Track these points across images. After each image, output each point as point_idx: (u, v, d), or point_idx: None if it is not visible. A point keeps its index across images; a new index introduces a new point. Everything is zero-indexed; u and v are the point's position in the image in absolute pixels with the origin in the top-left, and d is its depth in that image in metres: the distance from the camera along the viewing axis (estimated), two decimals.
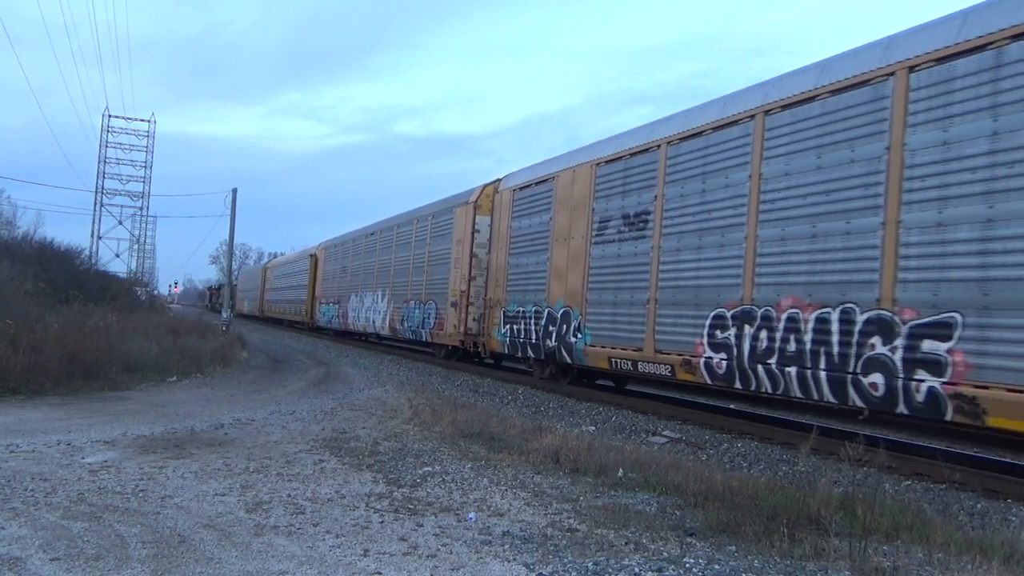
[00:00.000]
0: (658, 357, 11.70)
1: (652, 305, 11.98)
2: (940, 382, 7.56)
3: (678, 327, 11.39)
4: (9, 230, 38.57)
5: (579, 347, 13.81)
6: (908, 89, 8.25)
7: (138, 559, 4.37)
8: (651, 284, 12.06)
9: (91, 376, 12.78)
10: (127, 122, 63.64)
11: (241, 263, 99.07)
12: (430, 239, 22.50)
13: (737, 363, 10.17)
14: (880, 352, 8.23)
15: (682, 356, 11.16)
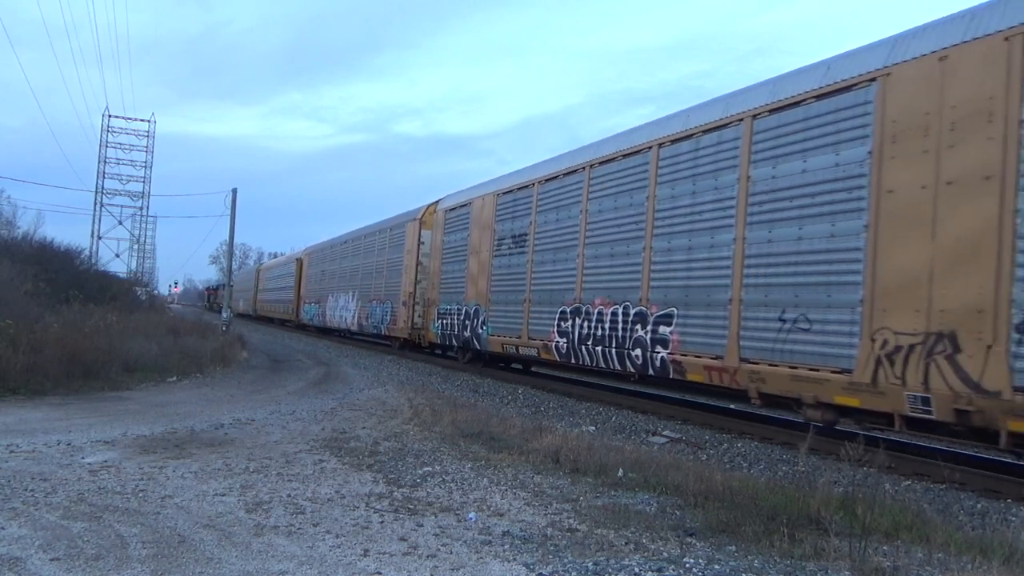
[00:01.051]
0: (530, 342, 15.56)
1: (527, 304, 15.81)
2: (667, 353, 11.35)
3: (541, 320, 15.21)
4: (9, 230, 38.60)
5: (484, 336, 17.61)
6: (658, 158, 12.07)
7: (138, 559, 4.37)
8: (527, 288, 15.90)
9: (91, 376, 12.79)
10: (127, 122, 63.67)
11: (241, 263, 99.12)
12: (388, 248, 26.27)
13: (571, 345, 13.94)
14: (640, 334, 12.00)
15: (543, 341, 15.00)
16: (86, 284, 25.40)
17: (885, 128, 8.32)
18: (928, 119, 7.87)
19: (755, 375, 9.67)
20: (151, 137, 64.11)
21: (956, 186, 7.52)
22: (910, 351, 7.77)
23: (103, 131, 62.63)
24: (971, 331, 7.20)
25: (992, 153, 7.18)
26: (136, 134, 63.73)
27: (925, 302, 7.69)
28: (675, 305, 11.29)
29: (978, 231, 7.28)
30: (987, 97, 7.32)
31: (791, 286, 9.32)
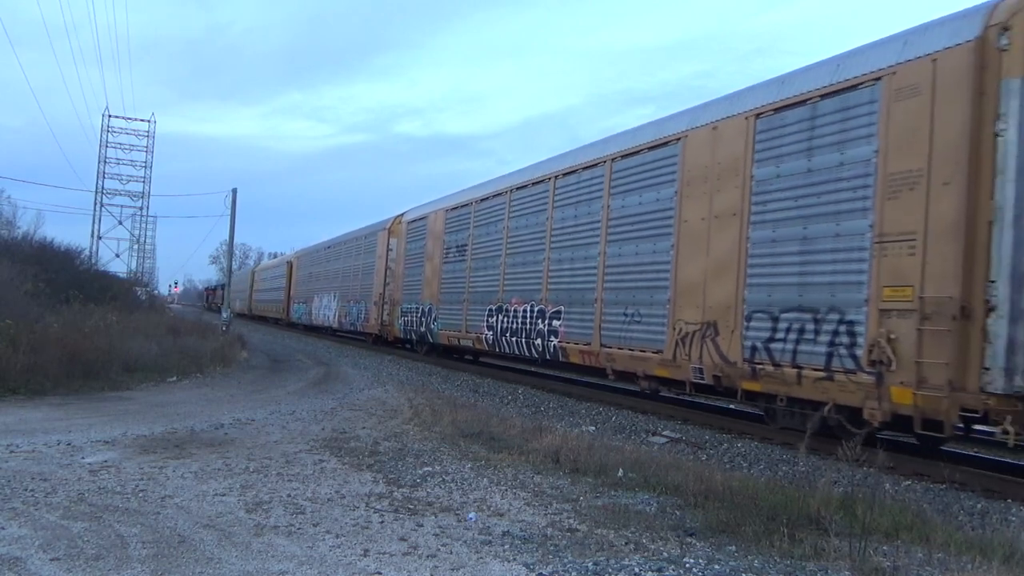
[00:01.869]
0: (467, 335, 18.89)
1: (466, 303, 18.95)
2: (557, 341, 14.53)
3: (475, 317, 18.29)
4: (9, 230, 38.58)
5: (435, 331, 20.99)
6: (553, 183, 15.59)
7: (138, 559, 4.37)
8: (465, 290, 19.07)
9: (91, 376, 12.79)
10: (127, 122, 63.57)
11: (241, 263, 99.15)
12: (363, 254, 29.26)
13: (496, 336, 17.16)
14: (540, 327, 15.18)
15: (476, 334, 18.17)
16: (86, 284, 25.38)
17: (685, 175, 11.34)
18: (707, 170, 10.90)
19: (609, 356, 12.89)
20: (151, 137, 64.08)
21: (719, 219, 10.56)
22: (693, 336, 10.86)
23: (103, 131, 62.60)
24: (725, 321, 10.30)
25: (737, 196, 10.26)
26: (136, 134, 63.71)
27: (702, 301, 10.75)
28: (563, 304, 14.53)
29: (729, 251, 10.29)
30: (736, 157, 10.35)
31: (631, 289, 12.44)
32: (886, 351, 7.99)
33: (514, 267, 16.64)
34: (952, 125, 7.72)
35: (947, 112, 7.79)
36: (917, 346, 7.70)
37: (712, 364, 10.37)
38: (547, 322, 14.91)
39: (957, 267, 7.49)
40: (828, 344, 8.78)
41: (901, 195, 8.14)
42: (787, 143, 9.66)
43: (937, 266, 7.68)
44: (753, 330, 9.81)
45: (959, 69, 7.72)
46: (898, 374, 7.89)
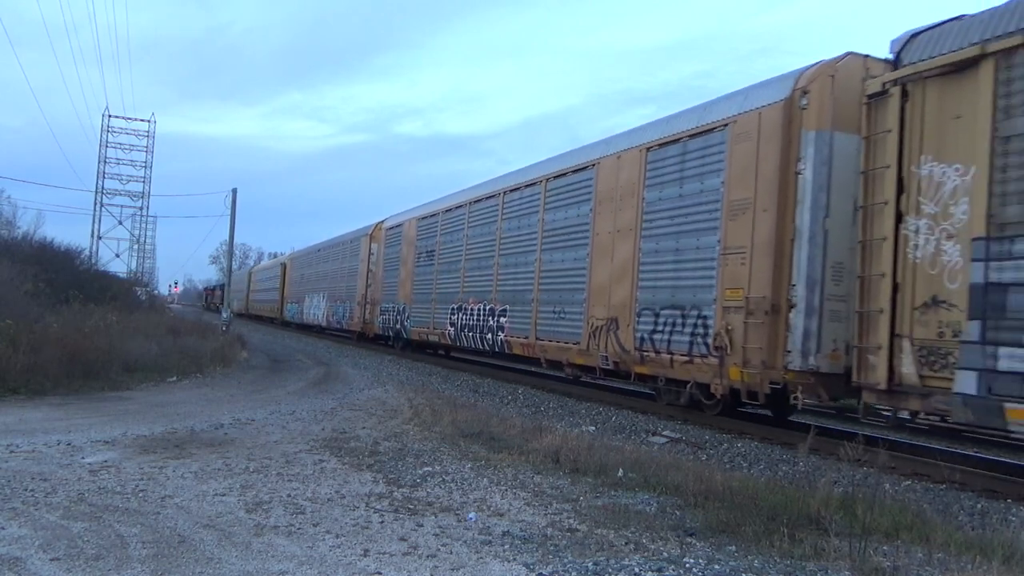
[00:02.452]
0: (434, 331, 21.16)
1: (434, 303, 21.28)
2: (503, 336, 16.70)
3: (441, 315, 20.69)
4: (9, 230, 38.57)
5: (408, 328, 23.39)
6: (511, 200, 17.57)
7: (138, 559, 4.37)
8: (433, 291, 21.42)
9: (91, 376, 12.79)
10: (127, 122, 63.55)
11: (241, 263, 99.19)
12: (349, 258, 31.49)
13: (457, 332, 19.45)
14: (491, 323, 17.36)
15: (441, 330, 20.55)
16: (86, 284, 25.39)
17: (597, 195, 13.66)
18: (613, 192, 13.19)
19: (542, 348, 15.27)
20: (151, 137, 64.06)
21: (620, 232, 12.85)
22: (601, 329, 13.13)
23: (103, 131, 62.57)
24: (623, 317, 12.56)
25: (633, 214, 12.58)
26: (136, 134, 63.69)
27: (608, 300, 13.05)
28: (508, 304, 16.75)
29: (627, 259, 12.58)
30: (633, 182, 12.62)
31: (558, 291, 14.76)
32: (725, 339, 10.30)
33: (471, 271, 18.96)
34: (769, 164, 9.86)
35: (767, 154, 9.93)
36: (744, 335, 10.00)
37: (614, 352, 12.80)
38: (496, 319, 17.27)
39: (770, 274, 9.73)
40: (690, 335, 11.08)
41: (738, 218, 10.37)
42: (667, 173, 11.95)
43: (757, 273, 9.93)
44: (642, 324, 12.17)
45: (775, 121, 9.87)
46: (732, 357, 10.18)
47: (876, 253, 8.49)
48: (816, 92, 9.52)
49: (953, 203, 7.78)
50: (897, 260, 8.25)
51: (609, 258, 13.09)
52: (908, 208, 8.25)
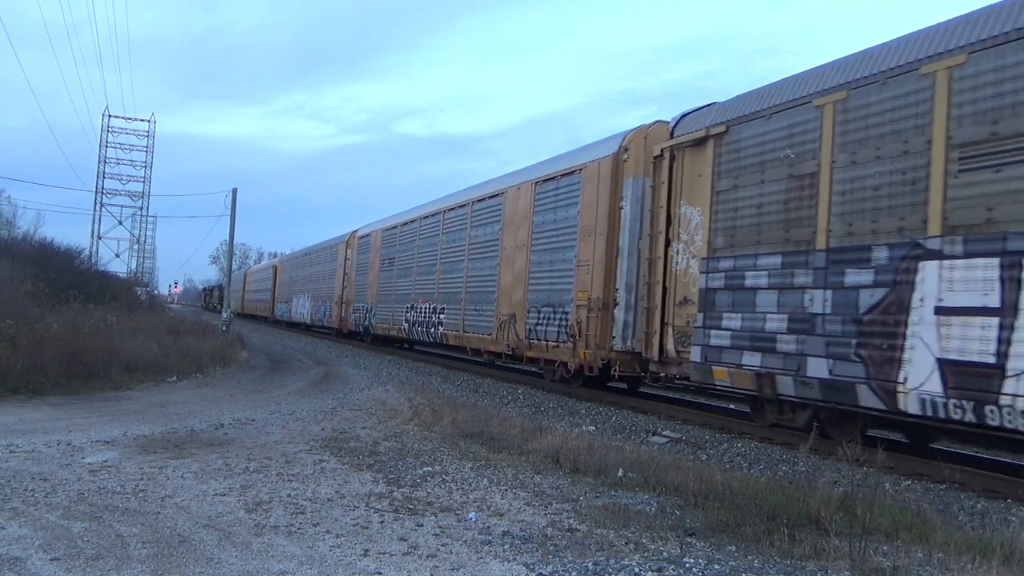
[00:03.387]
0: (393, 327, 24.65)
1: (392, 303, 24.96)
2: (442, 330, 20.06)
3: (398, 313, 24.31)
4: (9, 230, 38.57)
5: (374, 324, 26.98)
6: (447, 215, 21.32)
7: (138, 559, 4.37)
8: (392, 292, 25.15)
9: (91, 376, 12.78)
10: (127, 122, 63.57)
11: (241, 263, 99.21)
12: (329, 262, 35.03)
13: (410, 327, 22.96)
14: (434, 319, 20.83)
15: (398, 326, 24.03)
16: (86, 284, 25.39)
17: (505, 217, 17.31)
18: (514, 215, 16.81)
19: (468, 339, 18.81)
20: (151, 137, 64.10)
21: (518, 247, 16.42)
22: (505, 323, 16.60)
23: (103, 131, 62.60)
24: (519, 313, 16.05)
25: (526, 233, 16.13)
26: (136, 134, 63.71)
27: (510, 300, 16.53)
28: (446, 303, 20.29)
29: (522, 268, 16.14)
30: (527, 208, 16.15)
31: (479, 292, 18.33)
32: (576, 329, 13.88)
33: (421, 275, 22.62)
34: (604, 200, 13.47)
35: (603, 193, 13.53)
36: (587, 325, 13.55)
37: (513, 341, 16.35)
38: (437, 316, 20.83)
39: (603, 280, 13.31)
40: (558, 326, 14.64)
41: (586, 239, 13.93)
42: (548, 202, 15.59)
43: (596, 280, 13.48)
44: (530, 319, 15.66)
45: (608, 169, 13.52)
46: (581, 341, 13.74)
47: (655, 267, 12.01)
48: (633, 149, 13.05)
49: (696, 234, 11.12)
50: (666, 272, 11.76)
51: (511, 267, 16.73)
52: (673, 236, 11.68)
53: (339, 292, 32.08)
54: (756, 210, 10.08)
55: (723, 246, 10.52)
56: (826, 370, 8.75)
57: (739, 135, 10.51)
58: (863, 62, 8.92)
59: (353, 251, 30.83)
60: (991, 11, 7.68)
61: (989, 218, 7.31)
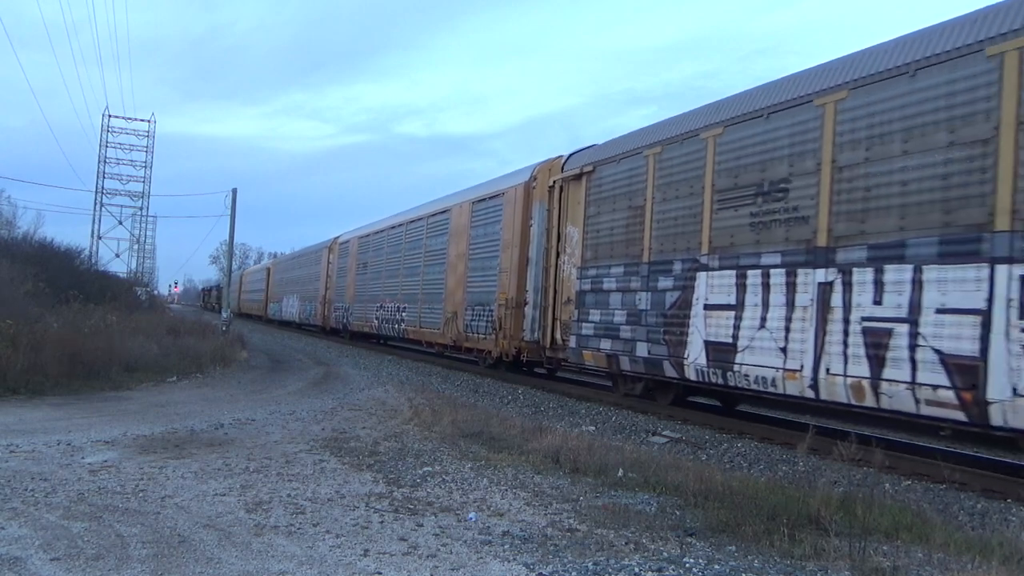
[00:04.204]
0: (367, 324, 28.09)
1: (366, 303, 28.43)
2: (404, 326, 24.01)
3: (370, 311, 27.72)
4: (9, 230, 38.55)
5: (351, 322, 30.46)
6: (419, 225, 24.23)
7: (138, 559, 4.37)
8: (366, 293, 28.55)
9: (91, 376, 12.78)
10: (127, 122, 63.61)
11: (241, 263, 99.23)
12: (314, 265, 38.67)
13: (379, 323, 26.19)
14: (397, 317, 24.63)
15: (371, 323, 27.30)
16: (86, 284, 25.39)
17: (450, 231, 20.54)
18: (457, 228, 20.06)
19: (422, 333, 22.32)
20: (151, 137, 64.15)
21: (460, 256, 19.55)
22: (449, 320, 19.80)
23: (103, 131, 62.63)
24: (460, 311, 19.22)
25: (465, 245, 19.36)
26: (136, 134, 63.74)
27: (453, 300, 19.70)
28: (407, 303, 23.88)
29: (462, 274, 19.26)
30: (466, 223, 19.23)
31: (431, 294, 21.76)
32: (497, 324, 17.00)
33: (387, 279, 26.25)
34: (519, 220, 16.74)
35: (518, 213, 16.82)
36: (506, 320, 16.70)
37: (454, 334, 19.65)
38: (400, 314, 24.40)
39: (516, 284, 16.50)
40: (486, 322, 17.77)
41: (506, 250, 17.14)
42: (481, 219, 18.85)
43: (512, 284, 16.65)
44: (467, 316, 18.90)
45: (521, 194, 16.82)
46: (501, 334, 16.88)
47: (549, 273, 15.43)
48: (539, 179, 16.27)
49: (575, 248, 14.34)
50: (556, 278, 15.12)
51: (455, 272, 20.07)
52: (561, 250, 15.00)
53: (323, 293, 35.60)
54: (610, 232, 13.30)
55: (591, 258, 13.80)
56: (647, 351, 11.97)
57: (601, 173, 13.81)
58: (671, 126, 12.18)
59: (335, 256, 34.33)
60: (741, 96, 10.89)
61: (731, 243, 10.38)
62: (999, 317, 7.04)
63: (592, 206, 13.83)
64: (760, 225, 9.95)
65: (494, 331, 17.13)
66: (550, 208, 15.38)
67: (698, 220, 10.99)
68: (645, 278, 12.08)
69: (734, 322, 10.09)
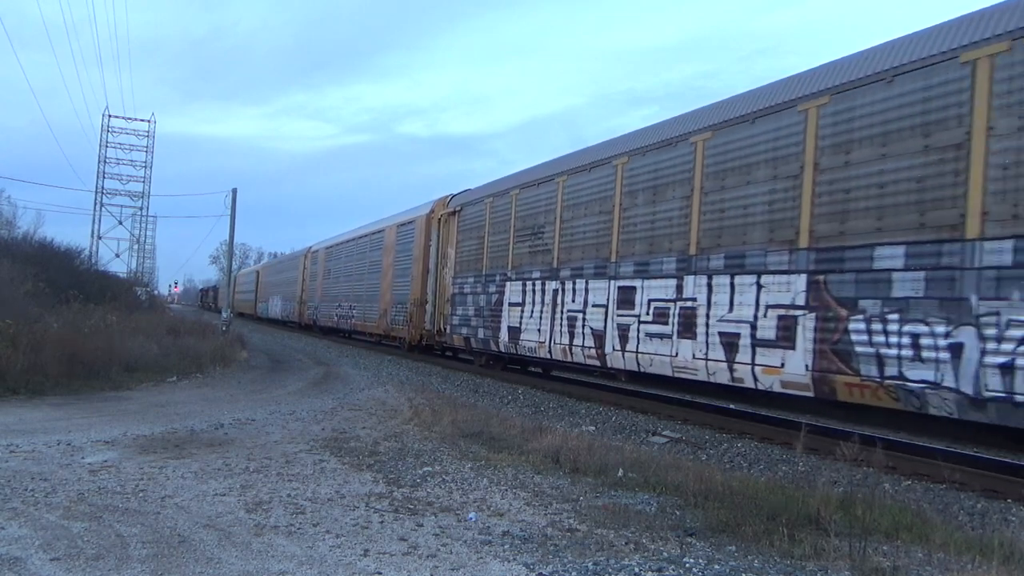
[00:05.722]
0: (330, 320, 33.83)
1: (330, 302, 34.17)
2: (354, 321, 30.37)
3: (333, 309, 33.63)
4: (9, 230, 38.57)
5: (319, 318, 36.01)
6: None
7: (138, 559, 4.37)
8: (330, 295, 34.39)
9: (91, 376, 12.78)
10: (127, 122, 63.61)
11: (241, 263, 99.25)
12: (292, 269, 44.57)
13: (337, 320, 32.72)
14: (351, 314, 30.44)
15: (331, 318, 33.68)
16: (86, 284, 25.37)
17: (384, 247, 26.55)
18: (389, 245, 26.02)
19: (365, 326, 28.09)
20: (151, 137, 64.15)
21: (389, 266, 25.73)
22: (382, 314, 25.84)
23: (103, 131, 62.62)
24: (389, 308, 25.37)
25: (392, 258, 25.54)
26: (136, 134, 63.75)
27: (385, 300, 25.87)
28: (356, 302, 29.42)
29: (391, 280, 25.45)
30: (393, 241, 25.63)
31: (372, 295, 27.39)
32: (409, 317, 22.48)
33: (344, 283, 31.91)
34: (423, 241, 22.08)
35: (422, 236, 22.15)
36: (414, 315, 22.22)
37: (386, 327, 25.33)
38: (351, 311, 30.02)
39: (420, 288, 21.95)
40: (403, 315, 23.09)
41: (416, 263, 22.44)
42: (402, 239, 24.45)
43: (418, 288, 22.10)
44: (392, 312, 24.55)
45: (423, 223, 22.21)
46: (411, 325, 22.40)
47: (438, 281, 20.71)
48: (436, 211, 21.57)
49: (451, 264, 19.74)
50: (441, 284, 20.49)
51: (386, 279, 25.70)
52: (444, 265, 20.31)
53: (299, 294, 41.63)
54: (468, 253, 19.09)
55: (459, 271, 19.47)
56: (483, 335, 17.68)
57: (465, 212, 19.65)
58: (496, 184, 18.57)
59: (309, 262, 40.38)
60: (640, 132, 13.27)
61: (521, 263, 16.11)
62: (611, 309, 12.72)
63: (460, 235, 19.73)
64: (533, 253, 15.72)
65: (407, 323, 22.91)
66: (439, 234, 21.06)
67: (507, 249, 16.89)
68: (483, 285, 17.93)
69: (520, 314, 15.96)
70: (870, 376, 8.12)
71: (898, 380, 7.84)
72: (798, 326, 9.04)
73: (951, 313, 7.38)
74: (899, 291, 7.91)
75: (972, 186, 7.31)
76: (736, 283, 10.13)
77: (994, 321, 7.03)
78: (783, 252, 9.43)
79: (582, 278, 13.52)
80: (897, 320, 7.89)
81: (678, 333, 11.08)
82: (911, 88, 7.99)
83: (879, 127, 8.28)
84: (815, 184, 8.99)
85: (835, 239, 8.71)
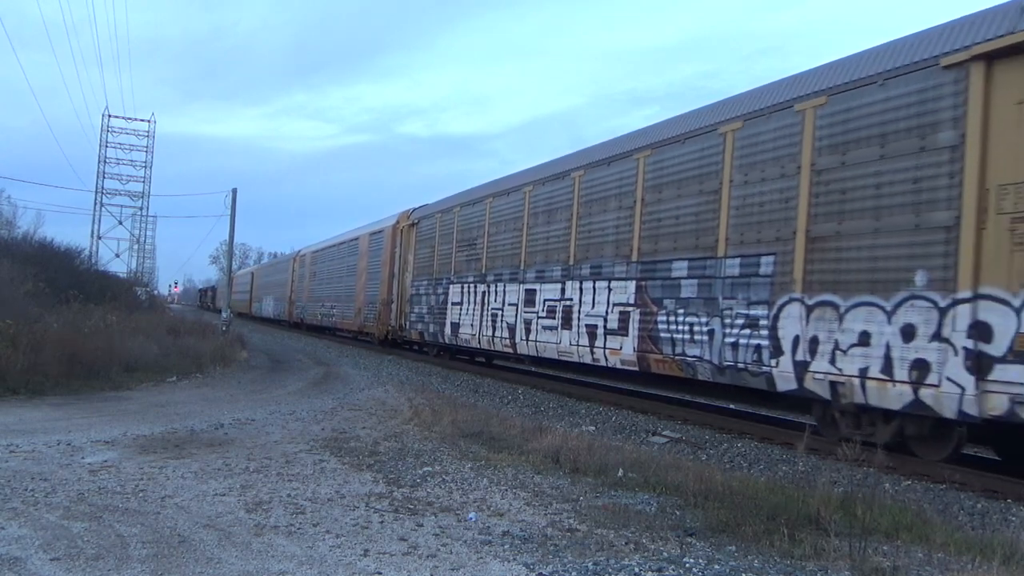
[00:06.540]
0: (315, 318, 37.24)
1: (315, 302, 37.94)
2: (334, 319, 34.07)
3: (317, 309, 37.37)
4: (9, 230, 38.57)
5: (306, 317, 39.48)
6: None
7: (138, 559, 4.37)
8: (315, 295, 38.21)
9: (91, 376, 12.78)
10: (127, 122, 63.58)
11: (241, 263, 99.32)
12: (283, 272, 48.19)
13: (321, 318, 36.22)
14: (333, 313, 34.00)
15: (316, 316, 37.35)
16: (86, 284, 25.36)
17: (359, 253, 30.29)
18: (363, 252, 29.51)
19: (343, 324, 32.05)
20: (151, 137, 64.14)
21: (363, 270, 29.39)
22: (357, 312, 29.65)
23: (103, 131, 62.61)
24: (363, 306, 29.04)
25: (366, 262, 29.06)
26: (136, 134, 63.73)
27: (359, 300, 29.51)
28: (336, 302, 33.11)
29: (364, 282, 29.14)
30: (366, 248, 29.33)
31: (349, 296, 31.17)
32: (378, 315, 26.48)
33: (327, 285, 35.36)
34: (390, 249, 26.07)
35: (389, 244, 26.14)
36: (382, 313, 26.09)
37: (360, 324, 28.86)
38: (332, 310, 33.44)
39: (387, 290, 25.74)
40: (375, 313, 26.85)
41: (384, 267, 26.32)
42: (373, 246, 27.93)
43: (385, 289, 25.93)
44: (365, 311, 28.02)
45: (391, 233, 26.14)
46: (379, 322, 26.40)
47: (400, 283, 24.55)
48: (400, 222, 24.97)
49: (411, 268, 23.64)
50: (403, 286, 24.36)
51: (362, 281, 28.80)
52: (405, 270, 24.25)
53: (289, 295, 44.74)
54: (423, 260, 22.49)
55: (417, 274, 22.85)
56: (433, 329, 21.03)
57: (422, 225, 23.16)
58: (445, 202, 22.05)
59: (297, 265, 43.62)
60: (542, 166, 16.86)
61: (461, 270, 19.44)
62: (520, 307, 15.96)
63: (418, 244, 23.27)
64: (469, 261, 19.14)
65: (377, 320, 26.45)
66: (403, 243, 24.52)
67: (451, 257, 20.37)
68: (433, 287, 21.36)
69: (460, 311, 19.23)
70: (667, 354, 11.40)
71: (682, 356, 11.11)
72: (630, 319, 12.30)
73: (709, 308, 10.63)
74: (685, 293, 11.19)
75: (722, 220, 10.60)
76: (596, 286, 13.43)
77: (730, 313, 10.25)
78: (623, 263, 12.72)
79: (501, 282, 17.17)
80: (683, 313, 11.15)
81: (561, 325, 14.45)
82: (696, 148, 11.33)
83: (675, 176, 11.72)
84: (642, 215, 12.42)
85: (651, 255, 12.08)
